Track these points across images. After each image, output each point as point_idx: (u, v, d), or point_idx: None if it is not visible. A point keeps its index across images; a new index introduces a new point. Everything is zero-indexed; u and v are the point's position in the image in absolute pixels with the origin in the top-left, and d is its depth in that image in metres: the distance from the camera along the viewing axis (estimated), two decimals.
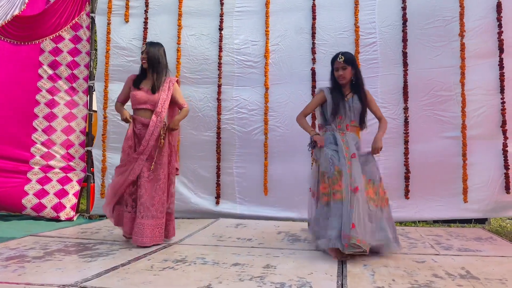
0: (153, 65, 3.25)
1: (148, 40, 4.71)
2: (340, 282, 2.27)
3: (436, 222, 4.42)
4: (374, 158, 3.05)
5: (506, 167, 4.03)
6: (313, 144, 3.06)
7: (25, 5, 4.85)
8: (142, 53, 3.26)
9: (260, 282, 2.25)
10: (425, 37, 4.29)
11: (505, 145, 4.05)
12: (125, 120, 3.24)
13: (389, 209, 3.00)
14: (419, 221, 4.42)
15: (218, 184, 4.60)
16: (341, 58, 3.01)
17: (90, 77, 4.90)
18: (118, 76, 4.67)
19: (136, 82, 3.28)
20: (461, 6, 4.20)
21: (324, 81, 3.14)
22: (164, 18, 4.79)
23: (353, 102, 3.07)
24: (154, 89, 3.23)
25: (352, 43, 4.41)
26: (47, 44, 4.82)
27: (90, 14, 4.93)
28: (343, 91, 3.09)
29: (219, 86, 4.65)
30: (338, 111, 3.02)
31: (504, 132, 4.05)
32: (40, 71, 4.78)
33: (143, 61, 3.25)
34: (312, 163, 3.17)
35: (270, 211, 4.47)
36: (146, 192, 3.12)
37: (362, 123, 3.15)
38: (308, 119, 3.72)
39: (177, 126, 3.27)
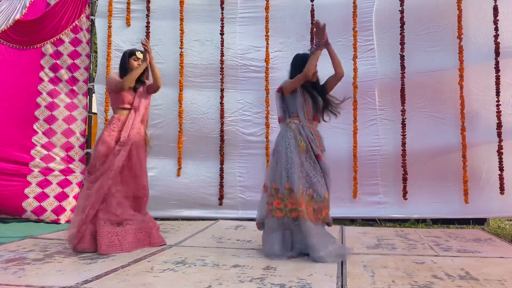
0: (142, 74, 3.33)
1: (150, 43, 4.74)
2: (340, 283, 2.27)
3: (435, 223, 4.44)
4: None
5: (501, 168, 4.07)
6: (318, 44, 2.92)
7: (26, 8, 4.88)
8: (137, 59, 3.26)
9: (260, 283, 2.25)
10: (422, 42, 4.36)
11: (500, 147, 4.08)
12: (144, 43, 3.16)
13: None
14: (418, 222, 4.45)
15: (221, 185, 4.65)
16: None
17: (90, 79, 4.91)
18: None
19: None
20: (459, 10, 4.24)
21: None
22: (167, 22, 4.85)
23: (316, 96, 3.06)
24: (135, 89, 3.29)
25: (351, 49, 4.46)
26: (48, 48, 4.84)
27: (90, 17, 4.94)
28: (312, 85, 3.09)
29: (222, 90, 4.72)
30: (307, 101, 3.01)
31: (499, 134, 4.09)
32: (41, 74, 4.80)
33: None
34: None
35: None
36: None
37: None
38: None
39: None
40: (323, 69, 3.16)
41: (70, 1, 4.88)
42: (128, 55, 3.28)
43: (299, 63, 3.03)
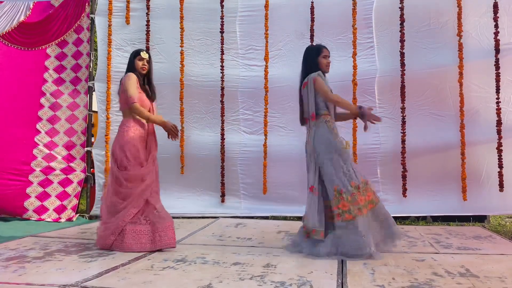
0: (149, 73, 3.34)
1: (151, 42, 4.81)
2: (340, 281, 2.28)
3: (435, 221, 4.45)
4: None
5: (500, 166, 4.07)
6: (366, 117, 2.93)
7: (30, 10, 4.88)
8: (142, 59, 3.25)
9: (261, 281, 2.26)
10: (422, 39, 4.36)
11: (499, 144, 4.08)
12: (176, 128, 3.26)
13: None
14: (418, 220, 4.46)
15: (222, 183, 4.68)
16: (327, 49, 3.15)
17: (90, 77, 4.91)
18: (120, 77, 4.69)
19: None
20: (459, 7, 4.24)
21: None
22: (167, 21, 4.84)
23: None
24: (153, 96, 3.35)
25: (350, 47, 4.46)
26: (53, 49, 4.85)
27: (90, 15, 4.93)
28: None
29: (222, 89, 4.71)
30: None
31: (499, 131, 4.09)
32: (45, 75, 4.81)
33: (145, 66, 3.27)
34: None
35: (274, 208, 4.53)
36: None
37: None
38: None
39: None
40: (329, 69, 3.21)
41: (73, 2, 4.89)
42: (134, 55, 3.30)
43: (314, 55, 3.14)
